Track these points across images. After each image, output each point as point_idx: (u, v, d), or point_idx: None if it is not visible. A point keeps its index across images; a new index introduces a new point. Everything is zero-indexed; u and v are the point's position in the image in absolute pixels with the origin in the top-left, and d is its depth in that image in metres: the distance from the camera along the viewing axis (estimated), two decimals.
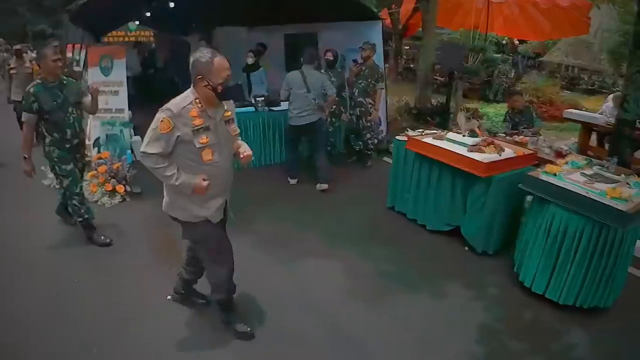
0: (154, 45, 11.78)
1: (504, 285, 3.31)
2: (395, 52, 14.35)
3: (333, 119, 5.67)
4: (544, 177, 2.99)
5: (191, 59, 2.04)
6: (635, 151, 6.18)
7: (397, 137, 4.31)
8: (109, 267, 3.32)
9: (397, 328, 2.80)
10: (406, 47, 16.92)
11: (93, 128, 5.43)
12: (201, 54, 2.04)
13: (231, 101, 2.33)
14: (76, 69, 5.93)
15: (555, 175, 2.96)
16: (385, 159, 6.14)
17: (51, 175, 4.02)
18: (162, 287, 2.92)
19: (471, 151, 3.46)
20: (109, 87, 5.33)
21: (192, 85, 2.10)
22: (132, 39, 12.17)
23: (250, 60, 6.56)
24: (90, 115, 5.06)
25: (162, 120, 2.00)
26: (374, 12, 6.31)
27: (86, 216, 3.45)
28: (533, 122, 5.33)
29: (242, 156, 2.31)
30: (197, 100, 2.06)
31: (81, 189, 3.50)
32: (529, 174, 3.09)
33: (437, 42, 7.78)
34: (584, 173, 3.08)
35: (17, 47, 6.98)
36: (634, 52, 5.26)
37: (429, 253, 3.74)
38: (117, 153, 5.28)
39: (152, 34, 12.63)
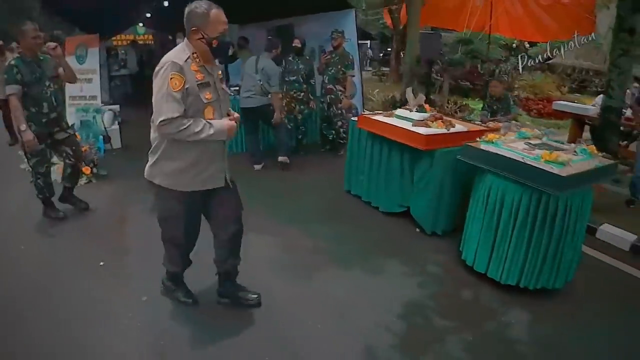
0: (152, 43, 12.10)
1: (447, 264, 3.11)
2: (396, 53, 14.22)
3: (302, 107, 5.60)
4: (482, 146, 2.81)
5: (186, 10, 1.90)
6: (623, 141, 5.85)
7: (352, 118, 4.19)
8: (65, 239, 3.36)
9: (321, 301, 2.65)
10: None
11: (68, 115, 5.55)
12: (197, 4, 1.89)
13: (216, 60, 2.23)
14: None
15: (493, 142, 2.77)
16: None
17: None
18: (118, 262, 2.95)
19: (416, 125, 3.30)
20: (83, 74, 5.47)
21: (185, 39, 1.96)
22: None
23: (229, 52, 6.60)
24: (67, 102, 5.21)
25: (171, 78, 1.80)
26: (346, 1, 6.25)
27: (47, 195, 3.57)
28: (510, 109, 5.17)
29: (232, 117, 2.13)
30: (195, 55, 1.92)
31: (47, 169, 3.54)
32: (468, 143, 2.90)
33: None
34: (528, 142, 2.87)
35: None
36: (616, 35, 5.02)
37: (377, 234, 3.57)
38: (90, 138, 5.39)
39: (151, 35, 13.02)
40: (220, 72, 2.16)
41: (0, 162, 5.46)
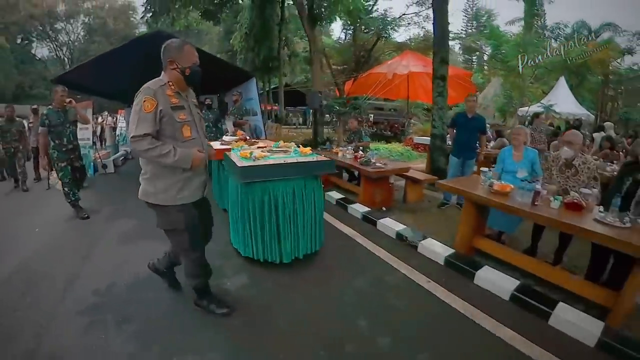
0: None
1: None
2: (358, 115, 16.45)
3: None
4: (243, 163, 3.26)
5: (163, 45, 2.17)
6: None
7: None
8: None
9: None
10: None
11: None
12: (173, 40, 2.20)
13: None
14: None
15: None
16: None
17: (54, 176, 5.47)
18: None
19: (222, 144, 4.51)
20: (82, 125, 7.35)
21: (162, 71, 2.20)
22: None
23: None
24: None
25: (144, 101, 2.00)
26: (248, 73, 8.02)
27: (73, 198, 4.83)
28: (362, 138, 6.47)
29: (202, 150, 2.30)
30: (170, 83, 2.14)
31: (70, 180, 4.78)
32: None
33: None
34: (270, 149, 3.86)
35: (34, 106, 8.58)
36: (433, 81, 6.52)
37: None
38: (87, 163, 7.25)
39: None
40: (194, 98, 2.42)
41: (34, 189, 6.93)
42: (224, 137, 5.53)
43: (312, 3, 8.77)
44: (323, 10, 8.94)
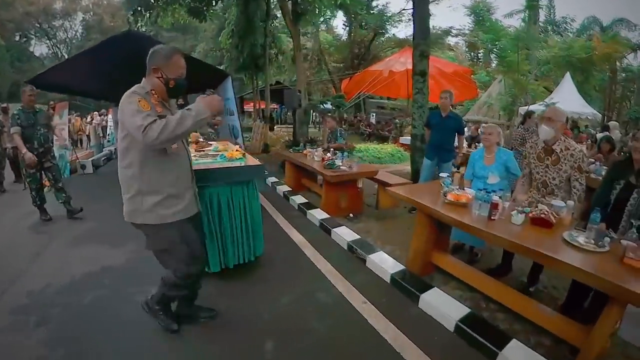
0: None
1: None
2: (339, 113, 15.87)
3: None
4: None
5: (150, 50, 1.98)
6: None
7: None
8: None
9: None
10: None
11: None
12: (162, 47, 2.01)
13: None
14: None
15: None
16: None
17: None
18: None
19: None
20: (61, 125, 7.55)
21: (144, 78, 2.01)
22: None
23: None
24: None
25: (139, 101, 1.81)
26: (224, 72, 7.65)
27: (38, 202, 4.75)
28: (337, 139, 6.05)
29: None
30: (153, 92, 1.97)
31: (37, 184, 4.68)
32: None
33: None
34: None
35: (4, 105, 8.27)
36: (413, 77, 6.03)
37: None
38: (63, 165, 7.22)
39: None
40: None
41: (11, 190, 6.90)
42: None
43: None
44: (308, 3, 8.48)
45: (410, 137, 7.05)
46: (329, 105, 10.83)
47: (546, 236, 2.29)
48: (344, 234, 3.97)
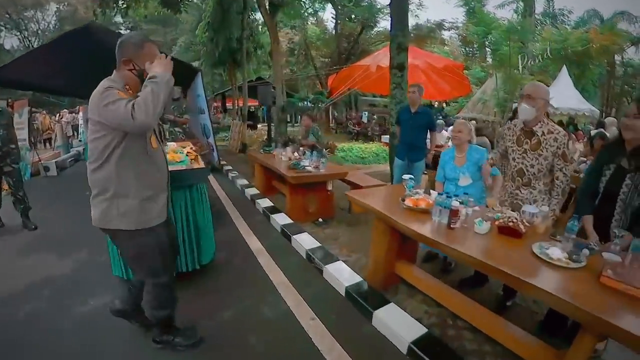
0: None
1: None
2: (324, 110, 15.41)
3: None
4: None
5: (119, 40, 1.81)
6: None
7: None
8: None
9: None
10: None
11: None
12: (131, 35, 1.85)
13: None
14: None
15: None
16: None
17: None
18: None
19: None
20: (19, 125, 7.06)
21: (114, 71, 1.83)
22: None
23: None
24: None
25: (118, 91, 1.67)
26: (194, 68, 7.33)
27: None
28: (309, 137, 5.71)
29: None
30: (127, 87, 1.79)
31: None
32: None
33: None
34: None
35: None
36: (390, 71, 5.65)
37: None
38: (23, 167, 6.60)
39: None
40: None
41: None
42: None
43: None
44: None
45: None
46: (308, 104, 10.37)
47: (516, 248, 1.92)
48: (304, 242, 3.61)
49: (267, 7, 7.78)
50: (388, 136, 7.37)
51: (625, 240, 1.79)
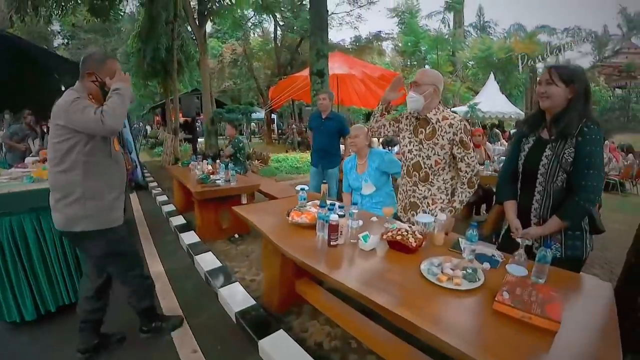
0: None
1: None
2: (266, 123, 15.22)
3: None
4: None
5: (83, 56, 2.02)
6: None
7: None
8: None
9: None
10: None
11: None
12: (95, 51, 2.11)
13: None
14: None
15: None
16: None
17: None
18: None
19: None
20: None
21: (77, 82, 1.98)
22: None
23: None
24: None
25: (85, 99, 1.85)
26: None
27: None
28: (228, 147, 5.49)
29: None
30: (90, 96, 1.95)
31: None
32: None
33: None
34: None
35: None
36: (311, 78, 5.61)
37: None
38: None
39: None
40: None
41: None
42: (27, 159, 4.22)
43: None
44: (216, 4, 7.77)
45: None
46: (237, 115, 9.96)
47: (407, 267, 1.60)
48: (206, 262, 3.33)
49: (194, 17, 7.50)
50: None
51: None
